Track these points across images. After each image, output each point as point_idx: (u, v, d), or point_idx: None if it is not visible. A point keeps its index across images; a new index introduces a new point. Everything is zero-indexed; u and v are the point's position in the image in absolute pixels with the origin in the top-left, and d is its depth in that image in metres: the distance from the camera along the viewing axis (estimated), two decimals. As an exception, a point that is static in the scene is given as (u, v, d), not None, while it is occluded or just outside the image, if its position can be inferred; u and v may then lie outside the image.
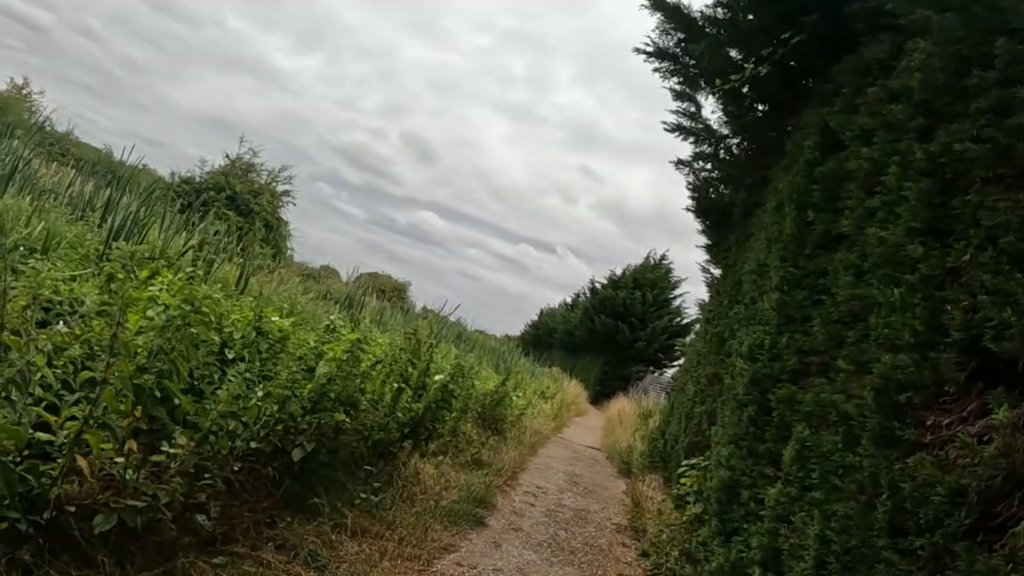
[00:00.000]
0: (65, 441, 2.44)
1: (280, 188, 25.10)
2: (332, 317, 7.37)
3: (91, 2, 71.03)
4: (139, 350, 2.93)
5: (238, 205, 22.42)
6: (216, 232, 16.16)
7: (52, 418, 2.49)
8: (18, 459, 2.37)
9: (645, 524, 7.44)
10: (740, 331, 6.31)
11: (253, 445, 4.19)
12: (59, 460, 2.40)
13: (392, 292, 36.34)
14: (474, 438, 9.13)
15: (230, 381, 3.84)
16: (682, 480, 6.66)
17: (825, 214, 4.47)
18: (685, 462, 6.82)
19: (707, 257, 13.83)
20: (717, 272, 12.96)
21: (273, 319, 6.13)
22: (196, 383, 4.21)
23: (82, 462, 2.42)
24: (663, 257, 38.30)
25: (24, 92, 20.87)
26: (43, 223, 5.54)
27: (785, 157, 6.82)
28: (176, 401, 3.39)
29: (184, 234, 11.36)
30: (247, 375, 4.49)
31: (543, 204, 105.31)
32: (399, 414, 6.37)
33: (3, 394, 2.03)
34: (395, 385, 6.35)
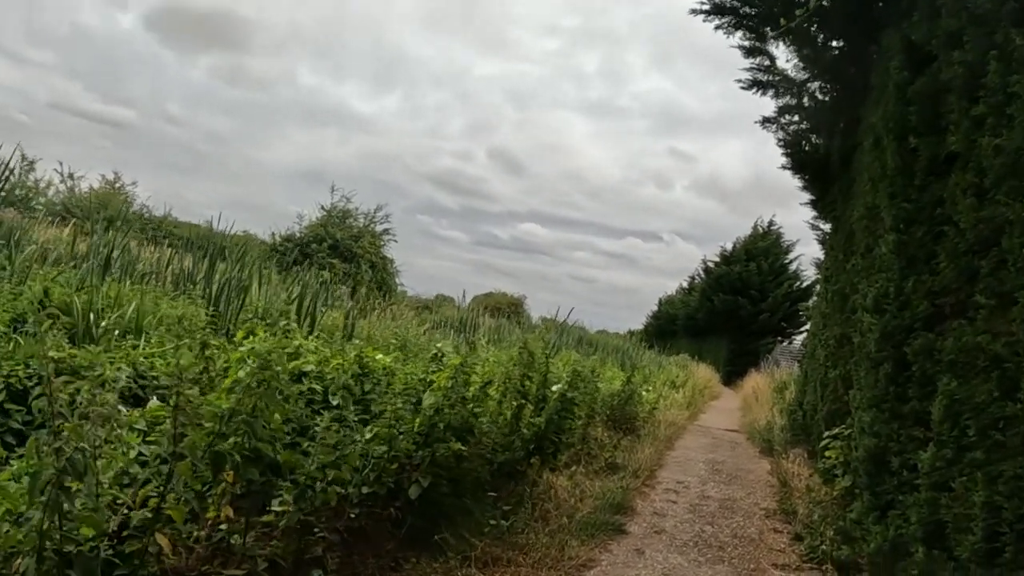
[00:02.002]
0: (145, 520, 2.37)
1: (379, 228, 25.48)
2: (439, 345, 7.30)
3: (167, 90, 75.43)
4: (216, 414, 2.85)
5: (341, 252, 22.87)
6: (322, 282, 16.64)
7: (125, 496, 2.43)
8: (105, 545, 2.30)
9: (795, 504, 6.94)
10: (861, 284, 5.79)
11: (366, 490, 4.08)
12: (143, 539, 2.32)
13: (508, 308, 36.41)
14: (606, 441, 8.83)
15: (327, 429, 3.74)
16: (827, 453, 6.14)
17: (928, 137, 3.99)
18: (827, 433, 6.30)
19: (814, 214, 13.12)
20: (826, 227, 12.30)
21: (377, 358, 6.09)
22: (294, 436, 4.15)
23: (162, 540, 2.33)
24: (770, 224, 36.95)
25: (117, 186, 22.18)
26: (134, 303, 5.69)
27: (873, 91, 6.27)
28: (278, 457, 3.33)
29: (287, 289, 11.66)
30: (345, 420, 4.43)
31: (640, 195, 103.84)
32: (524, 430, 6.20)
33: (55, 485, 1.94)
34: (514, 402, 6.18)
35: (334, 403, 5.01)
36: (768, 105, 10.60)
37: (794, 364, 21.84)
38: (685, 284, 47.31)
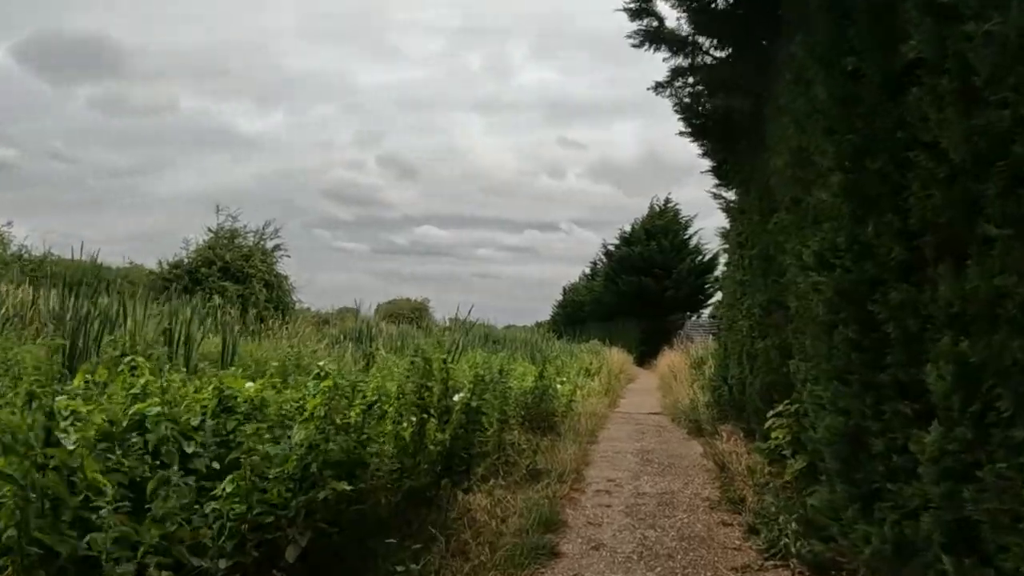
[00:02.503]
0: None
1: (270, 244, 24.49)
2: (322, 363, 6.34)
3: (49, 127, 70.74)
4: None
5: (232, 274, 22.00)
6: (210, 307, 15.41)
7: None
8: None
9: (740, 491, 6.33)
10: (790, 242, 5.18)
11: (224, 564, 3.12)
12: None
13: (411, 313, 35.71)
14: (524, 446, 8.02)
15: (155, 493, 2.79)
16: (772, 434, 5.52)
17: (874, 52, 3.34)
18: (771, 412, 5.68)
19: (715, 182, 12.72)
20: (730, 195, 11.93)
21: (246, 386, 5.06)
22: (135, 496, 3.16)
23: None
24: (667, 201, 37.29)
25: (-11, 230, 20.25)
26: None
27: (782, 24, 5.69)
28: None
29: (159, 320, 10.40)
30: (195, 471, 3.46)
31: (535, 186, 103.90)
32: (430, 448, 5.34)
33: None
34: (412, 418, 5.31)
35: (189, 450, 4.00)
36: (661, 70, 10.03)
37: (708, 337, 21.77)
38: (588, 270, 47.33)
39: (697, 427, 10.64)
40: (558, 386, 12.09)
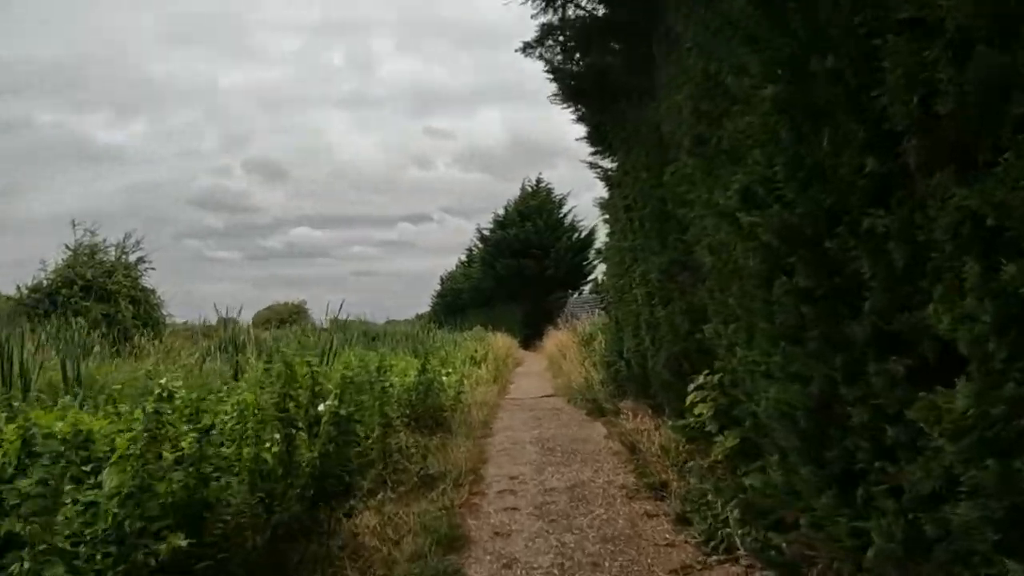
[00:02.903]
0: None
1: (133, 258, 22.47)
2: (163, 380, 5.23)
3: None
4: None
5: (95, 292, 20.14)
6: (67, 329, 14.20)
7: None
8: None
9: (659, 475, 5.72)
10: (695, 190, 4.55)
11: None
12: None
13: (290, 317, 34.24)
14: (413, 449, 7.17)
15: None
16: (696, 410, 4.90)
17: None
18: (692, 386, 5.06)
19: (592, 150, 12.27)
20: (608, 163, 11.49)
21: (57, 426, 3.91)
22: None
23: None
24: (538, 181, 36.96)
25: None
26: None
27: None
28: None
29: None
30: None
31: (405, 179, 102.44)
32: (305, 468, 4.42)
33: None
34: (276, 435, 4.36)
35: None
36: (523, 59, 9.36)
37: (594, 313, 21.49)
38: (464, 258, 46.59)
39: (596, 407, 10.08)
40: (444, 378, 11.29)
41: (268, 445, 4.28)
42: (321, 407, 4.80)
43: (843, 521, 2.62)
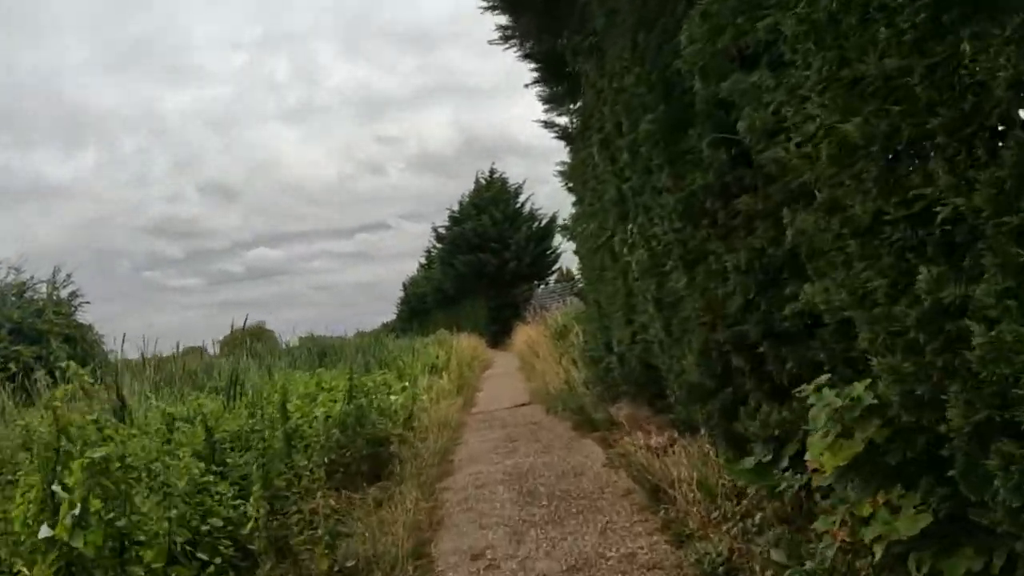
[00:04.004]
0: None
1: (65, 293, 20.76)
2: None
3: None
4: None
5: (25, 334, 18.42)
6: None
7: None
8: None
9: (712, 543, 3.46)
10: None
11: None
12: None
13: (252, 338, 32.01)
14: (329, 512, 4.81)
15: None
16: (813, 448, 2.55)
17: None
18: (806, 389, 2.68)
19: (547, 106, 10.22)
20: (566, 120, 9.47)
21: None
22: None
23: None
24: (492, 172, 34.68)
25: None
26: None
27: None
28: None
29: None
30: None
31: (358, 188, 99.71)
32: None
33: None
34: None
35: None
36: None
37: (564, 302, 19.37)
38: (423, 260, 44.23)
39: (584, 418, 7.79)
40: (392, 397, 8.93)
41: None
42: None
43: None
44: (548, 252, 32.48)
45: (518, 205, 33.94)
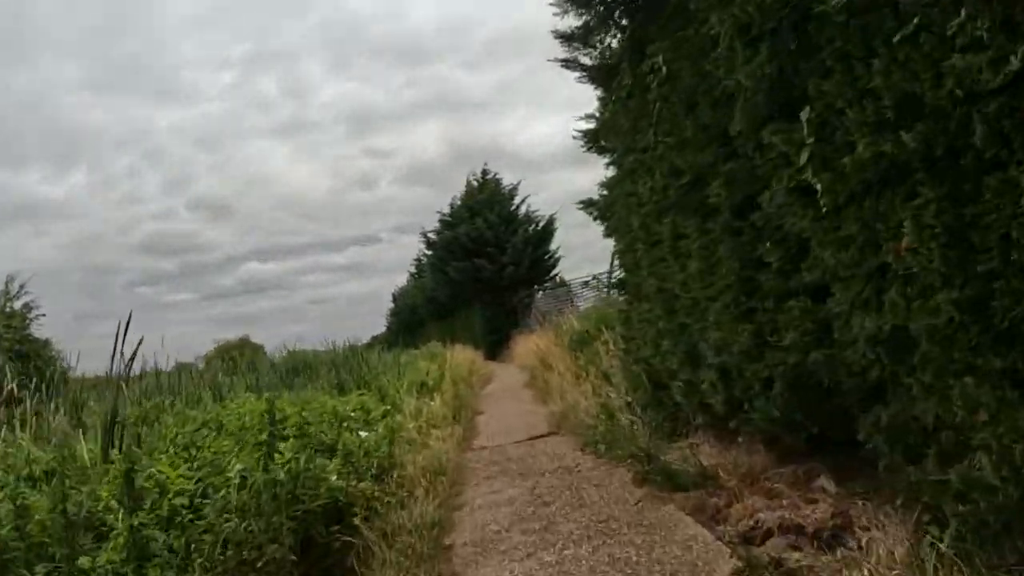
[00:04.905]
0: None
1: (18, 304, 19.05)
2: None
3: None
4: None
5: None
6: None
7: None
8: None
9: None
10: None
11: None
12: None
13: (239, 352, 30.15)
14: None
15: None
16: None
17: None
18: None
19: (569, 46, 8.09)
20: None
21: None
22: None
23: None
24: (485, 173, 32.43)
25: None
26: None
27: None
28: None
29: None
30: None
31: (350, 202, 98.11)
32: None
33: None
34: None
35: None
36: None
37: (571, 306, 16.94)
38: (413, 269, 41.84)
39: (649, 463, 5.15)
40: (363, 434, 6.29)
41: None
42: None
43: None
44: (547, 256, 30.47)
45: (514, 207, 31.64)
